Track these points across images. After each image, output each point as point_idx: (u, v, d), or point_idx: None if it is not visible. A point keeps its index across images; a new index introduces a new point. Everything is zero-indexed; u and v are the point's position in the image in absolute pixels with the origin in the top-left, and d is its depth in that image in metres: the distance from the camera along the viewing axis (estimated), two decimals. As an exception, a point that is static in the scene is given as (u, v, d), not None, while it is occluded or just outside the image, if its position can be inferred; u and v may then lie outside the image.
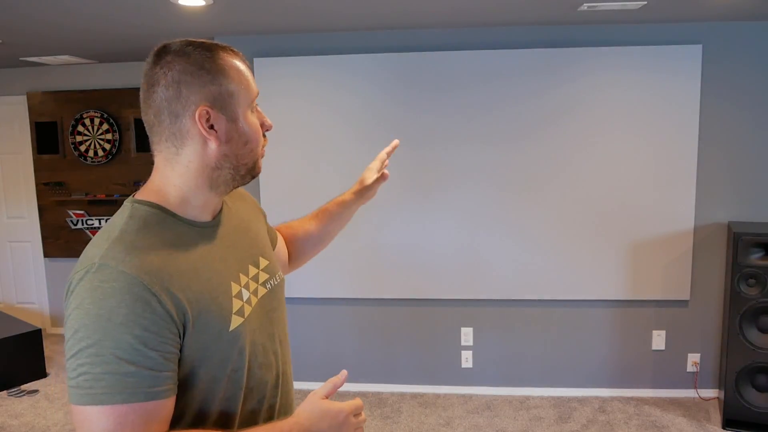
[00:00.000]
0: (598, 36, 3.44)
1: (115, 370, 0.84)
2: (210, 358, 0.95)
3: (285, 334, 1.18)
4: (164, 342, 0.88)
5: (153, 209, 0.99)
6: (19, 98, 4.77)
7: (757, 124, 3.40)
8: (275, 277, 1.16)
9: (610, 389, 3.69)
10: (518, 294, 3.64)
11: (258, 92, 1.05)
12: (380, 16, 3.17)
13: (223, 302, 0.99)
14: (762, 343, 3.10)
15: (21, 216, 4.97)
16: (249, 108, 1.02)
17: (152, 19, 3.11)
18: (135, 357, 0.85)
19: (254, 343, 1.04)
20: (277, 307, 1.15)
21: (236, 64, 1.01)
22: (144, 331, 0.86)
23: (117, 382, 0.84)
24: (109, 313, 0.85)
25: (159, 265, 0.91)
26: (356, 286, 3.73)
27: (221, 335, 0.96)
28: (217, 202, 1.07)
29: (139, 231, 0.95)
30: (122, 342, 0.85)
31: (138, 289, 0.87)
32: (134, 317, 0.86)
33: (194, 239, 1.01)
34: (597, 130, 3.46)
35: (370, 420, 3.44)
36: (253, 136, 1.03)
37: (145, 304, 0.87)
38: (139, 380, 0.85)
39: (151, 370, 0.86)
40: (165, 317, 0.88)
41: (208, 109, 0.97)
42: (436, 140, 3.56)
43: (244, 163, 1.03)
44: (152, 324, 0.87)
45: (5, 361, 2.47)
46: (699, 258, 3.52)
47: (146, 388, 0.86)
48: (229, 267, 1.05)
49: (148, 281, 0.88)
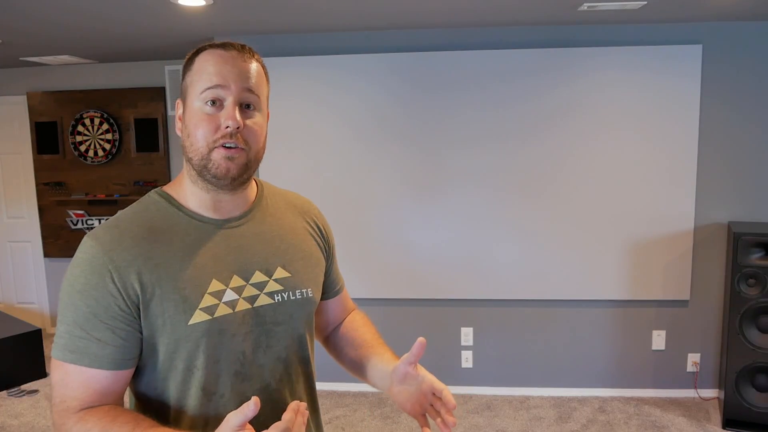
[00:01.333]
0: (598, 36, 3.43)
1: (71, 332, 0.93)
2: (163, 345, 0.97)
3: (294, 353, 1.10)
4: (113, 317, 0.94)
5: (160, 198, 1.05)
6: (19, 98, 4.76)
7: (757, 124, 3.40)
8: (293, 292, 1.09)
9: (610, 389, 3.69)
10: (518, 294, 3.64)
11: (220, 84, 0.98)
12: (380, 16, 3.17)
13: (190, 295, 0.97)
14: (762, 343, 3.10)
15: (21, 216, 4.97)
16: (198, 98, 0.99)
17: (152, 19, 3.11)
18: (85, 325, 0.93)
19: (224, 347, 1.00)
20: (284, 322, 1.07)
21: (208, 56, 1.01)
22: (95, 303, 0.93)
23: (71, 342, 0.93)
24: (74, 280, 0.95)
25: (127, 246, 0.97)
26: (356, 286, 3.73)
27: (177, 326, 0.96)
28: (217, 200, 1.05)
29: (135, 215, 1.02)
30: (79, 309, 0.94)
31: (97, 263, 0.95)
32: (89, 288, 0.94)
33: (188, 230, 1.03)
34: (597, 130, 3.46)
35: (370, 420, 3.44)
36: (193, 128, 0.99)
37: (100, 278, 0.94)
38: (87, 346, 0.93)
39: (99, 340, 0.93)
40: (116, 294, 0.94)
41: (180, 100, 1.04)
42: (436, 140, 3.56)
43: (190, 157, 1.01)
44: (102, 298, 0.93)
45: (5, 361, 2.47)
46: (699, 258, 3.52)
47: (91, 355, 0.93)
48: (221, 265, 1.02)
49: (107, 258, 0.95)
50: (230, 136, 0.98)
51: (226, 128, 0.98)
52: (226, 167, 0.99)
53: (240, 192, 1.08)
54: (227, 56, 1.00)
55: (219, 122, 0.98)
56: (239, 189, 1.06)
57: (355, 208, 3.66)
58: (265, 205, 1.14)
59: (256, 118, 1.03)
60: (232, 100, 0.99)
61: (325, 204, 1.47)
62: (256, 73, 1.03)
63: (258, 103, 1.03)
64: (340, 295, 1.32)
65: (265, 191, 1.17)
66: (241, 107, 1.00)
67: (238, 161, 1.00)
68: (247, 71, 1.02)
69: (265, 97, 1.07)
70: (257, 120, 1.03)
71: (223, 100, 0.99)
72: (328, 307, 1.30)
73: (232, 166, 0.99)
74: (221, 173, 0.99)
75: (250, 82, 1.01)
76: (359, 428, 3.35)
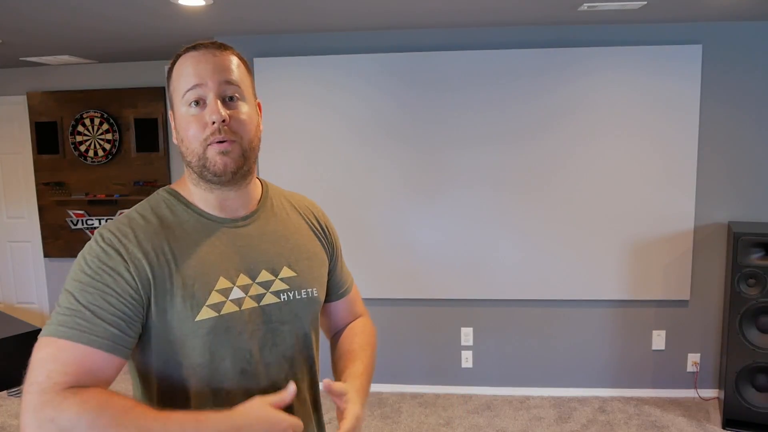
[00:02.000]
0: (598, 36, 3.44)
1: (73, 313, 0.91)
2: (173, 341, 0.98)
3: (299, 352, 1.11)
4: (122, 303, 0.93)
5: (169, 195, 1.07)
6: (19, 98, 4.76)
7: (757, 124, 3.40)
8: (299, 291, 1.10)
9: (610, 389, 3.69)
10: (518, 294, 3.65)
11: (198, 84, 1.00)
12: (379, 16, 3.17)
13: (197, 291, 0.98)
14: (762, 343, 3.10)
15: (21, 216, 4.97)
16: (182, 102, 1.01)
17: (152, 19, 3.11)
18: (92, 305, 0.92)
19: (230, 344, 1.00)
20: (289, 321, 1.08)
21: (183, 60, 1.03)
22: (106, 287, 0.93)
23: (69, 320, 0.91)
24: (85, 265, 0.95)
25: (141, 240, 0.98)
26: (357, 286, 3.73)
27: (184, 322, 0.97)
28: (222, 198, 1.06)
29: (145, 210, 1.04)
30: (87, 288, 0.93)
31: (113, 252, 0.96)
32: (102, 272, 0.94)
33: (196, 228, 1.04)
34: (597, 130, 3.46)
35: (370, 420, 3.44)
36: (184, 133, 1.01)
37: (116, 264, 0.95)
38: (89, 326, 0.91)
39: (102, 320, 0.92)
40: (131, 281, 0.94)
41: (171, 110, 1.08)
42: (436, 140, 3.56)
43: (188, 160, 1.03)
44: (115, 283, 0.94)
45: (5, 361, 2.47)
46: (699, 258, 3.52)
47: (91, 334, 0.91)
48: (228, 263, 1.03)
49: (123, 249, 0.96)
50: (219, 131, 0.99)
51: (212, 124, 0.99)
52: (222, 162, 1.00)
53: (244, 188, 1.09)
54: (200, 55, 1.02)
55: (205, 120, 0.99)
56: (242, 183, 1.07)
57: (355, 208, 3.66)
58: (270, 206, 1.15)
59: (241, 108, 1.03)
60: (213, 95, 1.00)
61: (326, 204, 1.47)
62: (232, 64, 1.03)
63: (240, 93, 1.03)
64: (346, 298, 1.32)
65: (270, 192, 1.18)
66: (224, 101, 1.01)
67: (233, 154, 1.01)
68: (223, 64, 1.02)
69: (248, 86, 1.07)
70: (243, 110, 1.03)
71: (205, 98, 1.00)
72: (332, 310, 1.30)
73: (228, 160, 1.00)
74: (219, 169, 1.00)
75: (228, 75, 1.02)
76: (359, 428, 3.35)
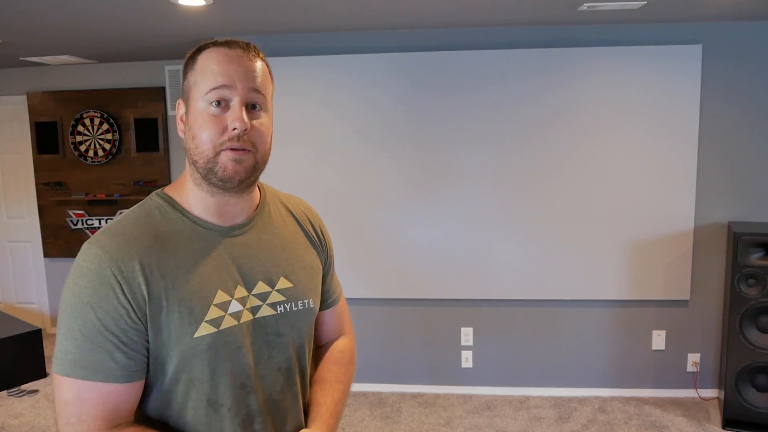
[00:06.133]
0: (598, 36, 3.44)
1: (80, 346, 0.89)
2: (170, 358, 0.94)
3: (294, 363, 1.09)
4: (124, 329, 0.90)
5: (163, 201, 1.02)
6: (19, 98, 4.77)
7: (757, 124, 3.40)
8: (295, 303, 1.07)
9: (610, 389, 3.69)
10: (518, 294, 3.64)
11: (226, 84, 0.95)
12: (380, 16, 3.17)
13: (196, 306, 0.95)
14: (762, 343, 3.10)
15: (21, 216, 4.97)
16: (203, 99, 0.95)
17: (152, 19, 3.11)
18: (96, 337, 0.89)
19: (229, 359, 0.98)
20: (285, 334, 1.06)
21: (211, 54, 0.96)
22: (105, 315, 0.89)
23: (81, 358, 0.88)
24: (80, 291, 0.90)
25: (134, 256, 0.93)
26: (356, 286, 3.73)
27: (182, 338, 0.93)
28: (222, 204, 1.02)
29: (138, 219, 0.98)
30: (87, 321, 0.89)
31: (106, 273, 0.90)
32: (98, 299, 0.89)
33: (192, 238, 1.00)
34: (597, 130, 3.46)
35: (370, 420, 3.44)
36: (198, 131, 0.95)
37: (109, 289, 0.90)
38: (99, 360, 0.89)
39: (110, 353, 0.89)
40: (126, 305, 0.90)
41: (182, 100, 1.00)
42: (436, 139, 3.56)
43: (195, 160, 0.98)
44: (113, 309, 0.90)
45: (5, 361, 2.47)
46: (699, 258, 3.52)
47: (105, 369, 0.89)
48: (225, 275, 1.00)
49: (116, 268, 0.91)
50: (237, 139, 0.95)
51: (233, 130, 0.94)
52: (233, 170, 0.96)
53: (246, 195, 1.05)
54: (232, 55, 0.96)
55: (225, 124, 0.95)
56: (245, 192, 1.03)
57: (355, 208, 3.66)
58: (267, 212, 1.12)
59: (262, 118, 0.99)
60: (239, 100, 0.95)
61: (326, 204, 1.46)
62: (261, 72, 0.99)
63: (264, 103, 0.99)
64: (334, 309, 1.26)
65: (267, 196, 1.14)
66: (248, 108, 0.97)
67: (246, 164, 0.97)
68: (253, 70, 0.97)
69: (270, 97, 1.03)
70: (264, 121, 0.99)
71: (229, 101, 0.95)
72: (317, 320, 1.23)
73: (240, 168, 0.96)
74: (228, 176, 0.96)
75: (256, 82, 0.97)
76: (359, 428, 3.35)
